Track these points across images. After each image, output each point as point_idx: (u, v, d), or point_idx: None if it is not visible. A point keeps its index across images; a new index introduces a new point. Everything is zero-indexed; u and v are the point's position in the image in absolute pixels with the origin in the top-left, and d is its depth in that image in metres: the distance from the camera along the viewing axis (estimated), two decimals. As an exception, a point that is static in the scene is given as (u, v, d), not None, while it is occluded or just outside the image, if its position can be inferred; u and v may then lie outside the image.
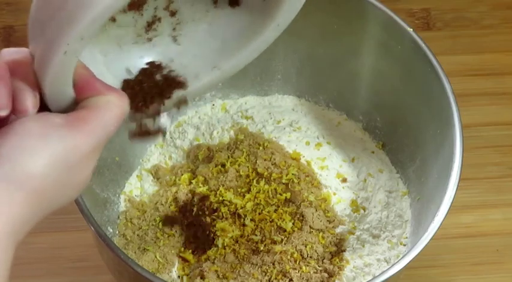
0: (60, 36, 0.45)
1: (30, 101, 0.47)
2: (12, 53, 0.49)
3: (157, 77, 0.56)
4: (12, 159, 0.45)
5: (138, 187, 0.85)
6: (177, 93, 0.56)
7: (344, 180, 0.84)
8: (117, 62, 0.56)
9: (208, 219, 0.79)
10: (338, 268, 0.77)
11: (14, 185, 0.45)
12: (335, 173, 0.85)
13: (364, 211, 0.83)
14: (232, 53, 0.57)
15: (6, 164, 0.45)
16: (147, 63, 0.57)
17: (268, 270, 0.77)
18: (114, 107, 0.49)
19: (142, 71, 0.56)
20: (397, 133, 0.85)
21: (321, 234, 0.80)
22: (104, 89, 0.50)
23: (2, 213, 0.44)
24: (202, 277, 0.77)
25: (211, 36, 0.57)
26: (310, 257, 0.78)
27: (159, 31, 0.57)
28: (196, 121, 0.90)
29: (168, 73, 0.56)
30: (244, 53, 0.57)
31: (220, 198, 0.80)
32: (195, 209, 0.80)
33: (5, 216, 0.44)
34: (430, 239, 0.68)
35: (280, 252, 0.77)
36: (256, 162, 0.83)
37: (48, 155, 0.46)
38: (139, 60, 0.57)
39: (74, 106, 0.49)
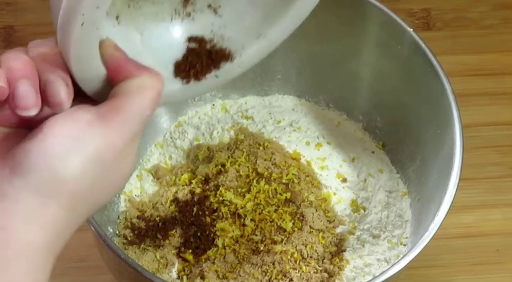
0: (74, 7, 0.43)
1: (63, 92, 0.45)
2: (38, 46, 0.47)
3: (205, 54, 0.54)
4: (41, 166, 0.42)
5: (138, 187, 0.85)
6: (224, 65, 0.55)
7: (344, 180, 0.84)
8: (156, 39, 0.54)
9: (208, 219, 0.79)
10: (338, 268, 0.77)
11: (45, 194, 0.42)
12: (335, 173, 0.85)
13: (364, 211, 0.83)
14: (275, 20, 0.56)
15: (36, 172, 0.42)
16: (190, 39, 0.55)
17: (268, 270, 0.77)
18: (148, 90, 0.46)
19: (190, 51, 0.54)
20: (397, 133, 0.85)
21: (321, 234, 0.79)
22: (135, 69, 0.47)
23: (36, 225, 0.42)
24: (202, 277, 0.77)
25: (252, 4, 0.56)
26: (310, 257, 0.78)
27: (198, 5, 0.55)
28: (196, 121, 0.89)
29: (211, 47, 0.55)
30: (287, 19, 0.56)
31: (220, 198, 0.80)
32: (195, 209, 0.80)
33: (38, 227, 0.42)
34: (430, 239, 0.68)
35: (280, 252, 0.77)
36: (256, 162, 0.82)
37: (80, 157, 0.43)
38: (180, 36, 0.55)
39: (110, 87, 0.47)
